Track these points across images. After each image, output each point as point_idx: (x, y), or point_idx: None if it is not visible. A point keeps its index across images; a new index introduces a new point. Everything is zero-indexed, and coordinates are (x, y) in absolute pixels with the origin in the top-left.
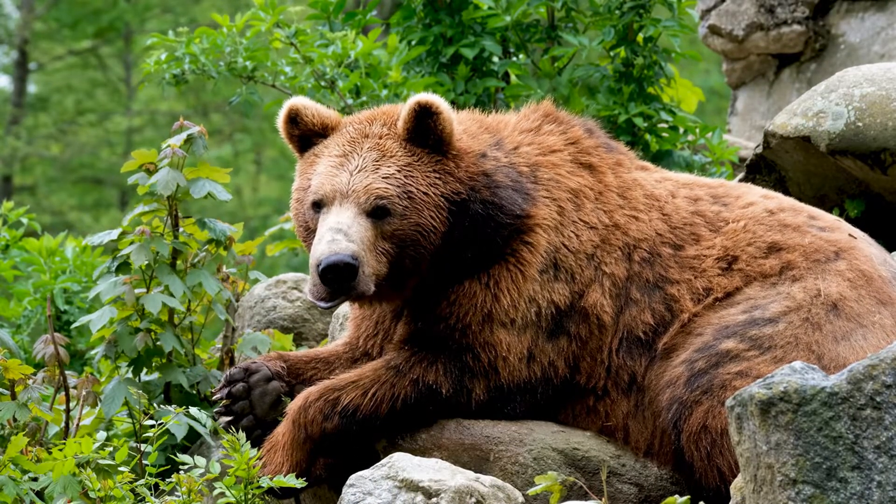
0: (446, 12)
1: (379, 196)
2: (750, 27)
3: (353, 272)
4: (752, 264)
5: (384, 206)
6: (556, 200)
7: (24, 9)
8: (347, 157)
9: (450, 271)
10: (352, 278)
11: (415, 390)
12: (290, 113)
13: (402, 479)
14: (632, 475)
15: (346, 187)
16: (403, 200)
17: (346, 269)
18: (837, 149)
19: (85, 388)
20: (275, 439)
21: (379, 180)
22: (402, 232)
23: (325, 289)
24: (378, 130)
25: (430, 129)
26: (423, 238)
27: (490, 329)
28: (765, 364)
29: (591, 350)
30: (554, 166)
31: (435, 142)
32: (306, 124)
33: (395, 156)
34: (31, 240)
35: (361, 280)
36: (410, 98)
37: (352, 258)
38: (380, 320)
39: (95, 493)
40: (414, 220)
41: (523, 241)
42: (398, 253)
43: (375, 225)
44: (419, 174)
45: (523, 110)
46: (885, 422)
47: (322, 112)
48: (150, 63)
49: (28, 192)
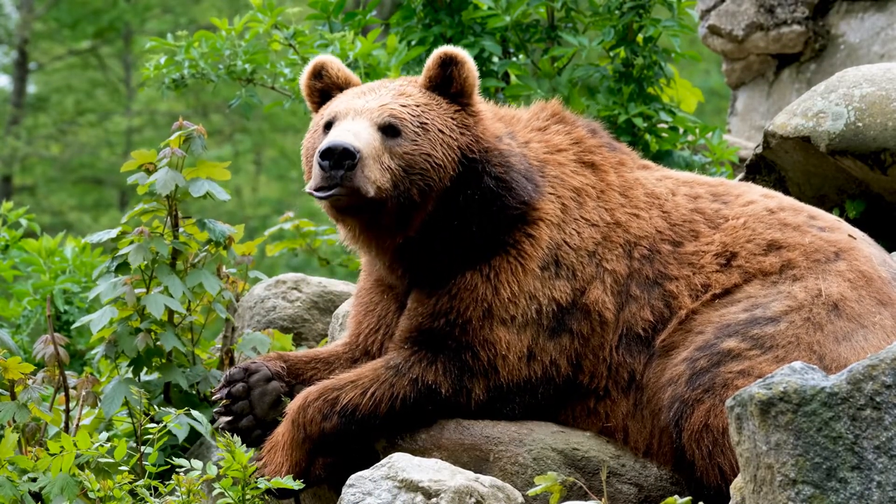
0: (446, 12)
1: (392, 115)
2: (750, 27)
3: (351, 157)
4: (750, 261)
5: (395, 126)
6: (560, 198)
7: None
8: (365, 94)
9: (455, 242)
10: (350, 167)
11: (414, 390)
12: (317, 67)
13: (402, 479)
14: (632, 475)
15: (361, 107)
16: (416, 127)
17: (344, 153)
18: (837, 149)
19: (85, 388)
20: (275, 439)
21: (395, 104)
22: (410, 156)
23: (322, 174)
24: (399, 82)
25: (452, 79)
26: (431, 170)
27: (490, 326)
28: (766, 363)
29: (593, 347)
30: (559, 165)
31: (456, 91)
32: (331, 78)
33: (412, 96)
34: (30, 240)
35: (360, 175)
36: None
37: (352, 147)
38: (382, 314)
39: (95, 494)
40: (425, 148)
41: (526, 233)
42: (404, 176)
43: (384, 140)
44: (436, 114)
45: (533, 108)
46: (885, 422)
47: (347, 70)
48: (150, 67)
49: (28, 192)
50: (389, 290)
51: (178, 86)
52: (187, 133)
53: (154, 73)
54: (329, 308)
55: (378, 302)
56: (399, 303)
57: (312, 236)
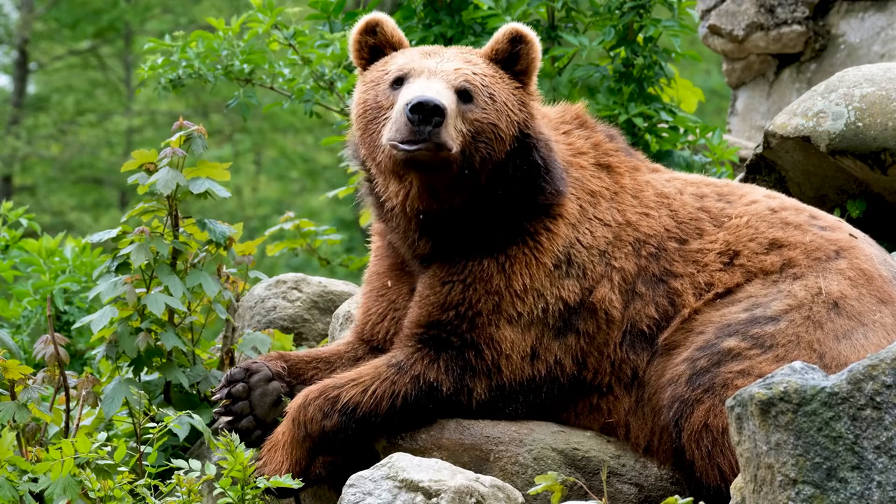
0: (446, 12)
1: (467, 80)
2: (750, 27)
3: (440, 114)
4: (752, 260)
5: (469, 92)
6: (579, 199)
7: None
8: (431, 55)
9: (480, 223)
10: (437, 123)
11: (415, 388)
12: (371, 23)
13: (402, 479)
14: (632, 475)
15: (435, 67)
16: (486, 97)
17: (434, 111)
18: (837, 149)
19: (85, 388)
20: (275, 438)
21: (468, 70)
22: (479, 123)
23: (409, 128)
24: (460, 49)
25: (519, 56)
26: (496, 140)
27: (497, 323)
28: (766, 363)
29: (598, 345)
30: (581, 168)
31: (521, 70)
32: (385, 35)
33: (478, 65)
34: (30, 240)
35: (445, 133)
36: (504, 25)
37: (441, 104)
38: (393, 298)
39: (95, 494)
40: (493, 118)
41: (546, 226)
42: (472, 142)
43: (459, 105)
44: (501, 87)
45: (558, 109)
46: (885, 422)
47: (400, 31)
48: (146, 68)
49: (28, 192)
50: (403, 273)
51: (175, 86)
52: (188, 133)
53: (150, 73)
54: (329, 308)
55: (391, 286)
56: (411, 287)
57: (313, 236)
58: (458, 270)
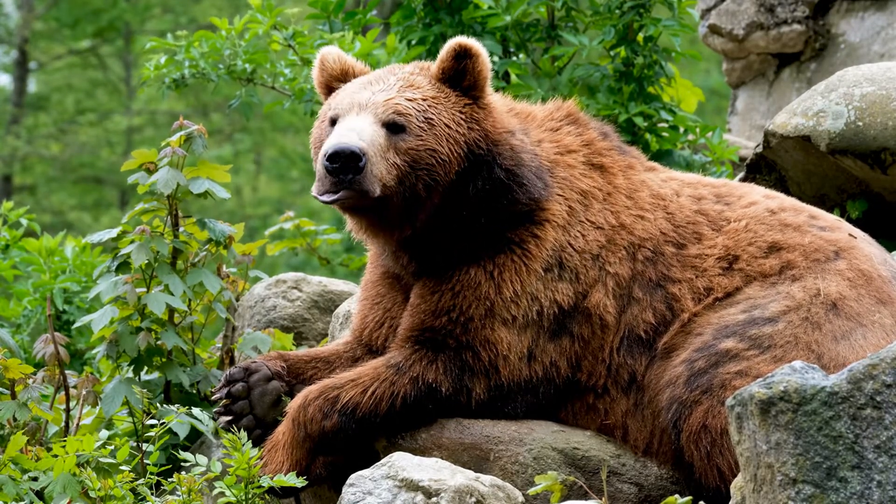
0: (446, 12)
1: (397, 111)
2: (750, 27)
3: (357, 160)
4: (752, 264)
5: (400, 123)
6: (567, 200)
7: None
8: (372, 84)
9: (461, 234)
10: (356, 170)
11: (414, 388)
12: (320, 60)
13: (402, 478)
14: (632, 475)
15: (367, 101)
16: (422, 123)
17: (351, 157)
18: (837, 148)
19: (85, 387)
20: (275, 438)
21: (400, 98)
22: (415, 151)
23: (329, 179)
24: (409, 70)
25: (465, 71)
26: (437, 165)
27: (491, 325)
28: (764, 363)
29: (592, 350)
30: (569, 166)
31: (469, 85)
32: (327, 70)
33: (421, 88)
34: (30, 240)
35: (367, 177)
36: (450, 40)
37: (358, 149)
38: (388, 307)
39: (95, 493)
40: (431, 144)
41: (532, 233)
42: (409, 172)
43: (389, 137)
44: (444, 109)
45: (548, 107)
46: (885, 421)
47: (345, 58)
48: (150, 67)
49: (28, 191)
50: (396, 281)
51: (179, 85)
52: (188, 132)
53: (154, 72)
54: (329, 307)
55: (384, 294)
56: (405, 295)
57: (312, 236)
58: (446, 280)
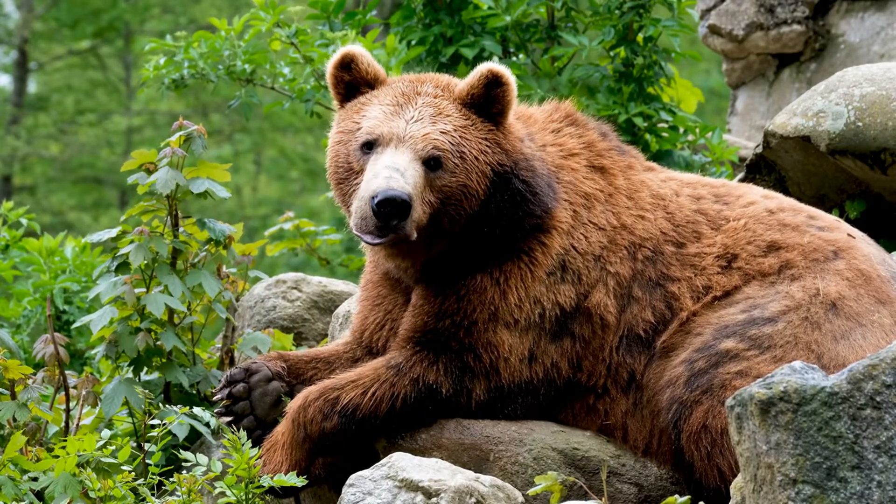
0: (446, 12)
1: (436, 147)
2: (750, 27)
3: (406, 209)
4: (751, 263)
5: (438, 158)
6: (571, 204)
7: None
8: (402, 107)
9: (473, 249)
10: (404, 216)
11: (415, 390)
12: (346, 58)
13: (402, 478)
14: (632, 475)
15: (404, 132)
16: (456, 158)
17: (401, 206)
18: (837, 149)
19: (85, 387)
20: (274, 438)
21: (437, 132)
22: (449, 188)
23: (375, 222)
24: (431, 90)
25: (494, 99)
26: (465, 198)
27: (494, 329)
28: (764, 363)
29: (593, 349)
30: (572, 170)
31: (496, 112)
32: (360, 72)
33: (450, 115)
34: (30, 240)
35: (410, 222)
36: (480, 66)
37: (408, 196)
38: (389, 308)
39: (95, 493)
40: (462, 179)
41: (539, 241)
42: (440, 208)
43: (427, 175)
44: (472, 138)
45: (547, 108)
46: (885, 421)
47: (376, 65)
48: (149, 68)
49: (28, 192)
50: (398, 283)
51: (178, 86)
52: (187, 133)
53: (153, 73)
54: (329, 308)
55: (385, 296)
56: (406, 297)
57: (312, 236)
58: (452, 283)
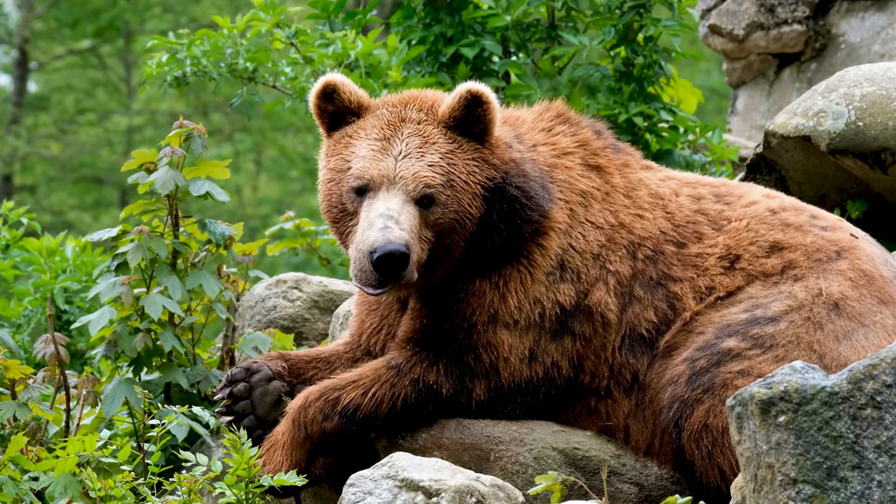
0: (446, 12)
1: (427, 185)
2: (750, 27)
3: (405, 261)
4: (753, 263)
5: (430, 195)
6: (568, 203)
7: (24, 8)
8: (389, 142)
9: (475, 259)
10: (404, 267)
11: (415, 390)
12: (327, 88)
13: (403, 478)
14: (632, 475)
15: (393, 173)
16: (447, 189)
17: (400, 259)
18: (838, 148)
19: (85, 387)
20: (274, 438)
21: (426, 168)
22: (443, 221)
23: (375, 276)
24: (415, 115)
25: (477, 119)
26: (459, 226)
27: (493, 330)
28: (766, 363)
29: (595, 348)
30: (567, 169)
31: (479, 132)
32: (343, 101)
33: (436, 143)
34: (31, 239)
35: (410, 268)
36: (459, 87)
37: (405, 247)
38: (385, 314)
39: (96, 493)
40: (454, 208)
41: (537, 243)
42: (436, 241)
43: (422, 213)
44: (460, 162)
45: (536, 108)
46: (886, 421)
47: (359, 92)
48: (152, 65)
49: (28, 191)
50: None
51: (180, 84)
52: (187, 132)
53: (156, 70)
54: (330, 307)
55: (381, 301)
56: (402, 302)
57: (313, 235)
58: (451, 288)
